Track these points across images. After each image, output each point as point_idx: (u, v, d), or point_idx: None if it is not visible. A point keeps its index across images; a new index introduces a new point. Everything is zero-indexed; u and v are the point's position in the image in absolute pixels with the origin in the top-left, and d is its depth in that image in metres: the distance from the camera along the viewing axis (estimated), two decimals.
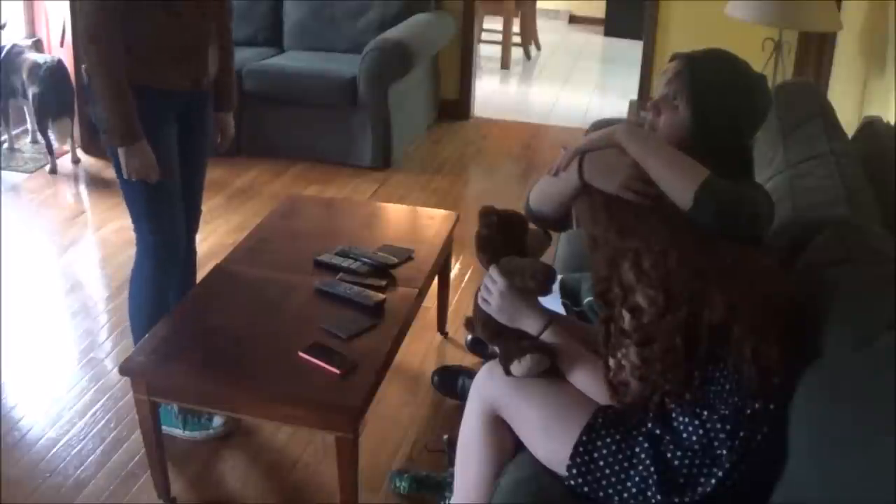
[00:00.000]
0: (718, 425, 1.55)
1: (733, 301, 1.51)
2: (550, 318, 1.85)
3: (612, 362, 1.64)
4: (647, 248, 1.59)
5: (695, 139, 1.75)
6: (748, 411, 1.52)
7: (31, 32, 4.91)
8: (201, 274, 2.80)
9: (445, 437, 2.45)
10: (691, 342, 1.53)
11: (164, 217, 2.48)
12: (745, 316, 1.51)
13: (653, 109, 1.80)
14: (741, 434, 1.53)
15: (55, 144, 4.53)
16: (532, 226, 2.01)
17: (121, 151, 2.30)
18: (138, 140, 2.30)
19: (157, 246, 2.51)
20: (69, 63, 4.62)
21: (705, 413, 1.56)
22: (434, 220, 3.02)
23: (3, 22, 4.56)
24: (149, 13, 2.30)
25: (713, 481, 1.55)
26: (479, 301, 1.92)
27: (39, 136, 4.60)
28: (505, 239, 1.96)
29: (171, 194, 2.49)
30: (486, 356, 2.71)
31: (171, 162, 2.46)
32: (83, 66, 2.31)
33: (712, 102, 1.74)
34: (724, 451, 1.54)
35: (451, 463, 2.11)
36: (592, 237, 1.78)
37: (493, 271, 1.89)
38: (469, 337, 3.03)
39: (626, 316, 1.59)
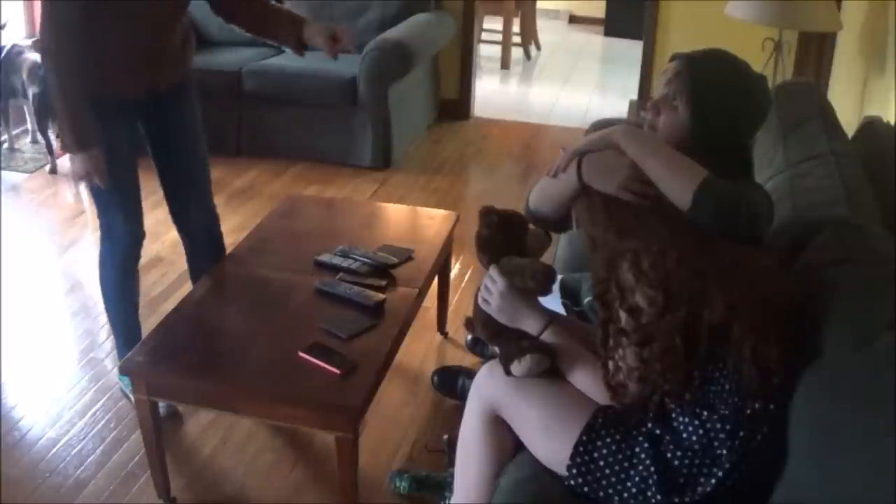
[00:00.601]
0: (718, 425, 1.55)
1: (733, 301, 1.51)
2: (550, 318, 1.85)
3: (609, 364, 1.64)
4: (645, 248, 1.59)
5: (694, 139, 1.75)
6: (748, 411, 1.52)
7: (31, 32, 4.91)
8: None
9: (445, 437, 2.45)
10: (691, 342, 1.53)
11: (127, 209, 2.60)
12: (745, 316, 1.51)
13: (652, 109, 1.80)
14: (741, 434, 1.53)
15: (55, 144, 4.53)
16: (532, 226, 2.01)
17: (69, 155, 2.37)
18: (87, 148, 2.33)
19: (119, 236, 2.62)
20: None
21: (705, 413, 1.57)
22: (434, 220, 3.02)
23: (3, 22, 4.56)
24: (102, 24, 2.30)
25: (713, 481, 1.55)
26: (480, 301, 1.92)
27: (39, 136, 4.60)
28: (505, 239, 1.96)
29: (132, 188, 2.61)
30: (487, 356, 2.71)
31: (126, 162, 2.55)
32: None
33: (712, 102, 1.74)
34: (724, 451, 1.54)
35: (451, 463, 2.11)
36: (591, 238, 1.78)
37: (493, 271, 1.89)
38: (469, 337, 3.03)
39: (625, 317, 1.59)
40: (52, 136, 4.50)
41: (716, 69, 1.77)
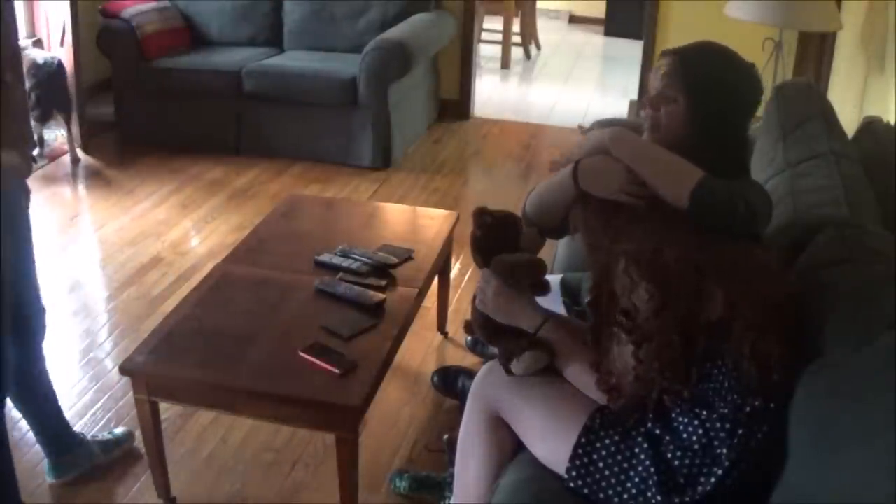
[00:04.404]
0: (718, 424, 1.55)
1: (732, 297, 1.52)
2: (547, 315, 1.85)
3: (601, 368, 1.65)
4: (642, 246, 1.60)
5: (696, 133, 1.75)
6: (747, 409, 1.53)
7: (31, 32, 4.91)
8: (201, 274, 2.80)
9: (445, 437, 2.45)
10: (690, 339, 1.53)
11: None
12: (745, 312, 1.51)
13: (650, 106, 1.80)
14: (740, 432, 1.53)
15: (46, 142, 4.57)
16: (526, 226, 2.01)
17: None
18: None
19: None
20: (69, 62, 4.62)
21: (704, 412, 1.57)
22: (434, 220, 3.02)
23: None
24: None
25: (713, 480, 1.56)
26: (476, 302, 1.93)
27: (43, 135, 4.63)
28: (499, 239, 1.96)
29: None
30: (487, 356, 2.71)
31: None
32: None
33: (710, 93, 1.74)
34: (724, 450, 1.54)
35: (451, 463, 2.11)
36: (589, 244, 1.79)
37: (487, 272, 1.90)
38: (469, 337, 3.03)
39: (620, 318, 1.59)
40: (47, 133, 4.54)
41: (710, 62, 1.78)
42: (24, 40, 4.67)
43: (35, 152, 4.64)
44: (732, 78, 1.76)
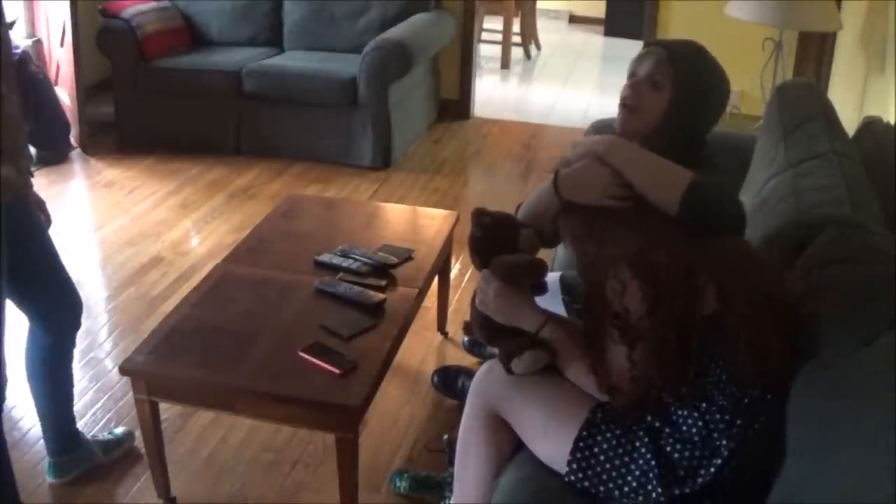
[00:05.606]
0: (718, 416, 1.56)
1: (725, 291, 1.53)
2: (547, 315, 1.86)
3: (600, 371, 1.65)
4: (628, 248, 1.60)
5: (669, 124, 1.79)
6: (746, 400, 1.53)
7: (31, 32, 4.91)
8: (201, 274, 2.79)
9: (445, 437, 2.45)
10: (685, 336, 1.54)
11: None
12: (739, 305, 1.52)
13: (631, 87, 1.83)
14: (738, 423, 1.54)
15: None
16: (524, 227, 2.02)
17: None
18: None
19: None
20: (70, 63, 4.62)
21: (704, 405, 1.57)
22: (434, 220, 3.02)
23: (12, 19, 4.55)
24: None
25: (712, 470, 1.56)
26: (476, 303, 1.93)
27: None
28: (498, 240, 1.96)
29: None
30: (485, 357, 2.71)
31: None
32: None
33: (693, 90, 1.80)
34: (724, 441, 1.55)
35: (451, 463, 2.11)
36: (577, 252, 1.80)
37: (487, 273, 1.90)
38: (465, 338, 3.03)
39: (614, 321, 1.59)
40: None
41: (697, 60, 1.84)
42: (23, 40, 4.67)
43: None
44: (714, 81, 1.83)
